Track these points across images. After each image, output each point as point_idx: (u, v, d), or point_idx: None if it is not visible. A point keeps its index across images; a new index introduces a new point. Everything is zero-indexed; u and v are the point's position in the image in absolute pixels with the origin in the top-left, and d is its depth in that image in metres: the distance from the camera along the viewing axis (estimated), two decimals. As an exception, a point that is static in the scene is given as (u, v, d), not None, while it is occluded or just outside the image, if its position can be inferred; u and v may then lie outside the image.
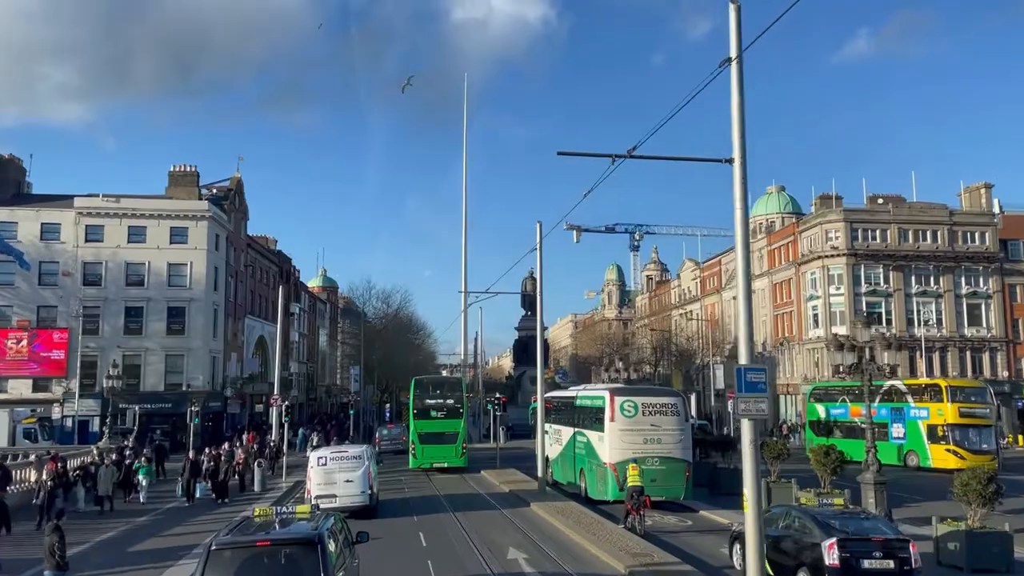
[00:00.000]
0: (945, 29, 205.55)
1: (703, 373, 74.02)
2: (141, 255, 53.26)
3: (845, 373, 19.57)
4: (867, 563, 13.75)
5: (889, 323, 61.19)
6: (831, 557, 13.78)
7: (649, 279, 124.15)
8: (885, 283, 63.57)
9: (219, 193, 61.31)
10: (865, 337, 19.18)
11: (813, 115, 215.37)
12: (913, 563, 13.87)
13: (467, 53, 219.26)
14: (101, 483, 25.02)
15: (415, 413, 37.69)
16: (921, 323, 62.19)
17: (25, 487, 25.31)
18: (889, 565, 13.78)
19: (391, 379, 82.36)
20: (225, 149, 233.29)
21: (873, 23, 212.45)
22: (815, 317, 65.81)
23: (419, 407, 37.73)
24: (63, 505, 21.90)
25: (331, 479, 23.77)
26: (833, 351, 19.78)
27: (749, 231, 12.58)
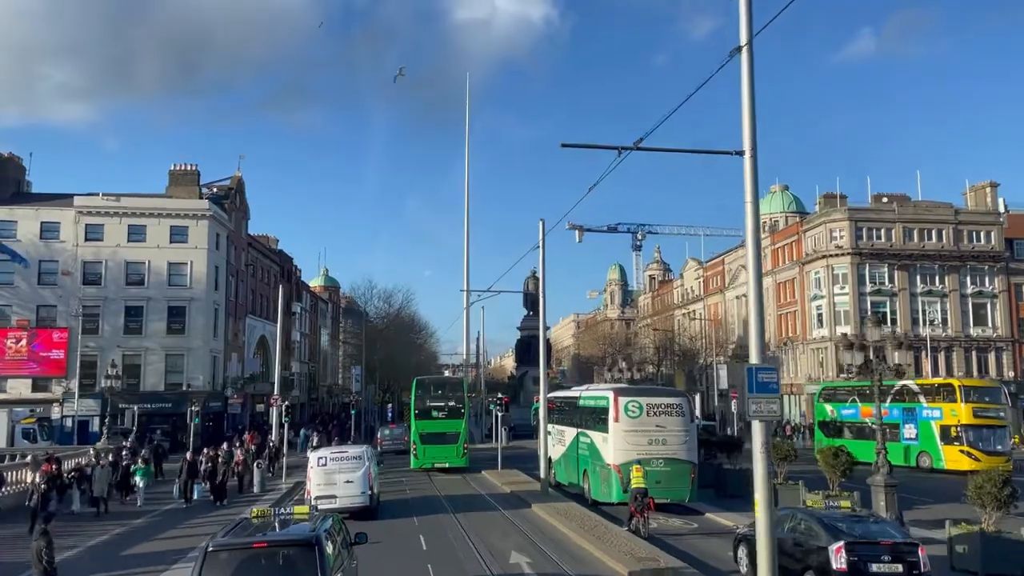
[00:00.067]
0: (947, 29, 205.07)
1: (706, 373, 73.57)
2: (141, 254, 52.95)
3: (854, 373, 19.12)
4: (875, 567, 13.49)
5: (894, 323, 60.66)
6: (838, 561, 13.52)
7: (652, 279, 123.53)
8: (890, 283, 63.12)
9: (220, 192, 60.98)
10: (875, 336, 18.78)
11: (816, 114, 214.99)
12: (922, 567, 13.62)
13: (469, 53, 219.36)
14: (96, 485, 24.63)
15: (416, 413, 37.63)
16: (926, 323, 61.70)
17: (20, 488, 24.95)
18: (898, 569, 13.51)
19: (393, 379, 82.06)
20: (227, 149, 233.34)
21: (874, 23, 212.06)
22: (819, 317, 65.39)
23: (420, 407, 37.69)
24: (57, 507, 21.55)
25: (331, 480, 23.61)
26: (843, 350, 19.35)
27: (760, 226, 12.10)
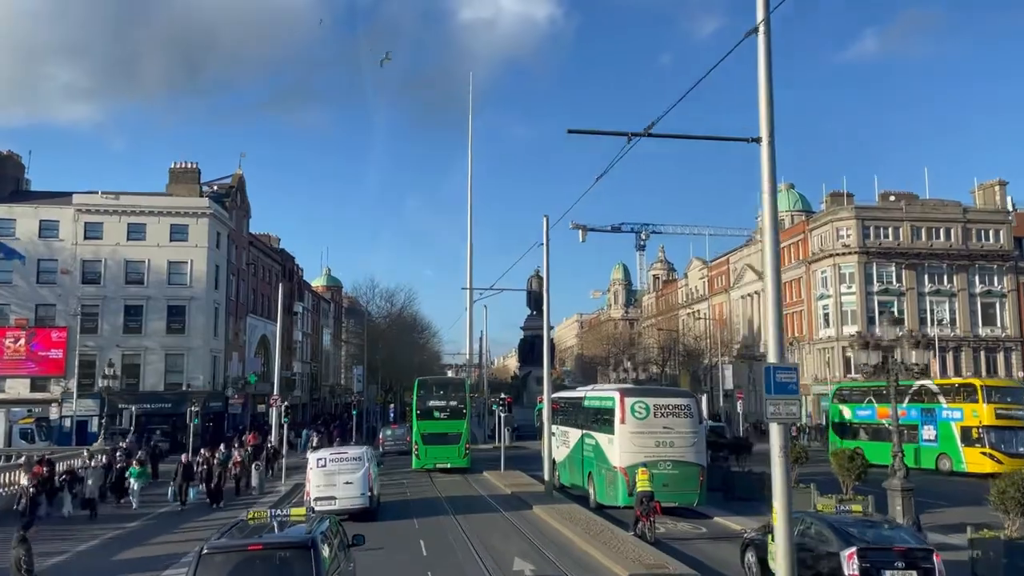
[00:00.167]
0: (953, 28, 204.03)
1: (711, 373, 72.94)
2: (141, 253, 52.42)
3: (870, 373, 18.47)
4: (888, 574, 13.03)
5: (901, 323, 59.94)
6: (851, 567, 13.02)
7: (656, 278, 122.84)
8: (898, 282, 62.46)
9: (220, 190, 60.42)
10: (892, 335, 18.14)
11: (822, 113, 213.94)
12: (937, 574, 13.14)
13: (473, 52, 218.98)
14: (88, 487, 24.01)
15: (418, 414, 37.43)
16: (934, 322, 60.99)
17: (12, 491, 24.36)
18: None
19: (395, 379, 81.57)
20: (228, 149, 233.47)
21: (880, 22, 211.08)
22: (826, 316, 64.73)
23: (422, 408, 37.49)
24: (48, 511, 20.96)
25: (331, 481, 23.40)
26: (858, 350, 18.72)
27: (777, 218, 11.48)
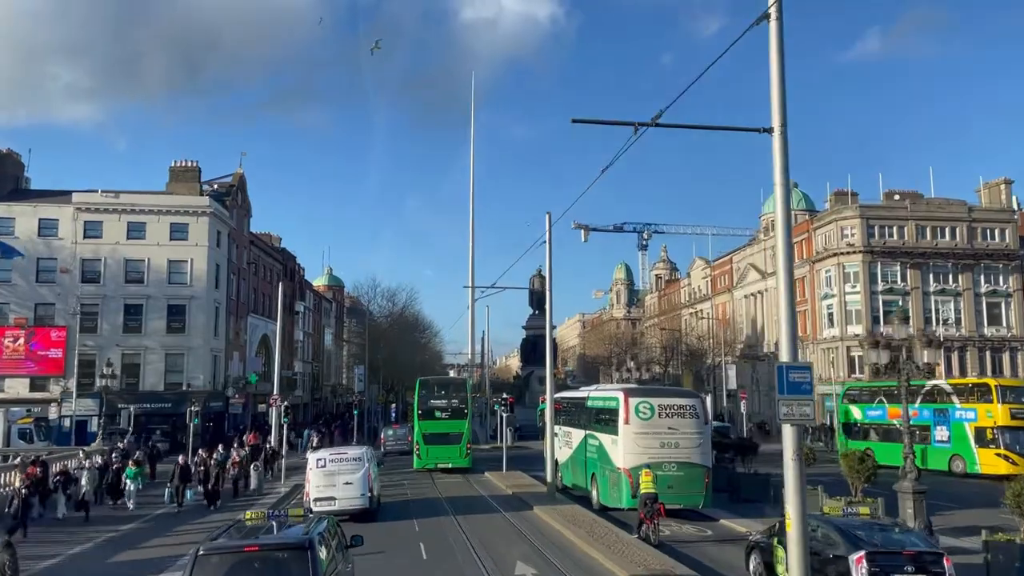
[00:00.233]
0: (957, 27, 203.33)
1: (714, 373, 72.53)
2: (140, 252, 52.05)
3: (881, 372, 18.05)
4: None
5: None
6: (859, 572, 12.72)
7: (658, 278, 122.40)
8: (902, 281, 61.96)
9: (221, 189, 60.03)
10: (902, 334, 17.73)
11: (826, 112, 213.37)
12: None
13: (474, 52, 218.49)
14: (82, 488, 23.58)
15: (419, 414, 37.38)
16: (939, 322, 60.51)
17: (4, 492, 23.95)
18: None
19: (397, 379, 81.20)
20: (229, 149, 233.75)
21: (884, 21, 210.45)
22: (830, 316, 64.24)
23: (423, 408, 37.42)
24: (42, 513, 20.56)
25: (330, 481, 23.25)
26: (868, 349, 18.33)
27: (791, 210, 11.06)
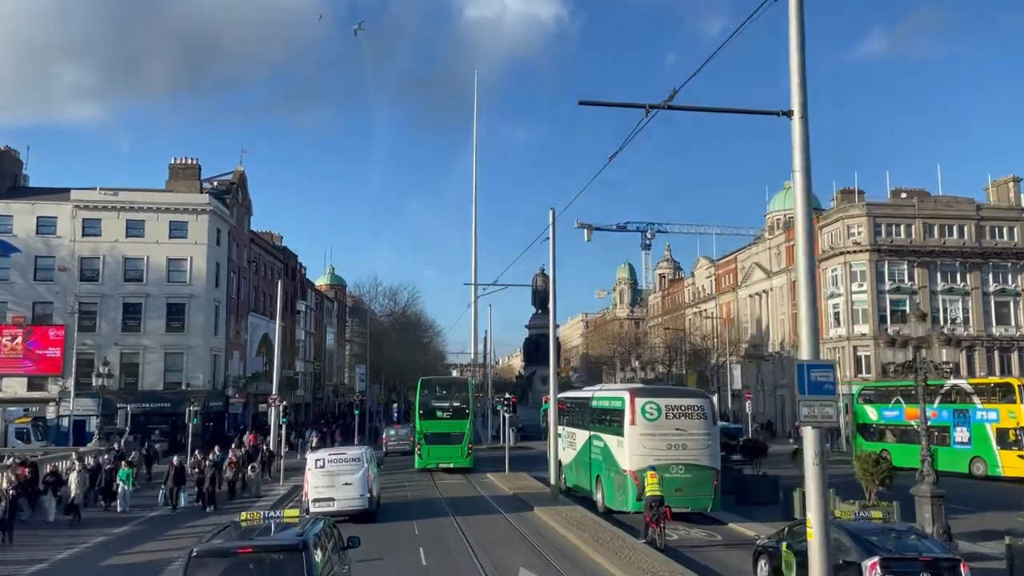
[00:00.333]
0: (964, 26, 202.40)
1: (719, 373, 71.84)
2: (139, 250, 51.53)
3: (900, 372, 17.42)
4: None
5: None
6: None
7: (662, 277, 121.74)
8: (910, 280, 61.15)
9: (221, 187, 59.45)
10: (920, 332, 17.12)
11: (831, 110, 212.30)
12: None
13: (477, 52, 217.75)
14: (70, 490, 22.97)
15: (421, 414, 37.17)
16: (948, 321, 59.76)
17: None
18: None
19: (399, 379, 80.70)
20: (231, 148, 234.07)
21: (890, 20, 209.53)
22: (836, 315, 63.44)
23: (425, 408, 37.22)
24: (31, 516, 19.99)
25: (329, 482, 22.91)
26: (883, 347, 17.72)
27: (811, 198, 10.45)
